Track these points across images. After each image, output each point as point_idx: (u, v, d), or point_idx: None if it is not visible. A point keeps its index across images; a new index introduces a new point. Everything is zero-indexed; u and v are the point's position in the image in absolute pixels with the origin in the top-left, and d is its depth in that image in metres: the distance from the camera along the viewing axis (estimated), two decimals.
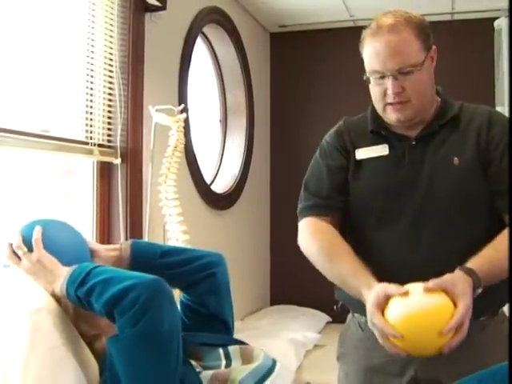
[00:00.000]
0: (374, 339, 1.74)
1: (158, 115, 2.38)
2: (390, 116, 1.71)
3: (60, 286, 1.36)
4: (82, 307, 1.34)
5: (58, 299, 1.38)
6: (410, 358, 1.53)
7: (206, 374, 1.35)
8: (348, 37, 4.36)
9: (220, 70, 4.04)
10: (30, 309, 1.29)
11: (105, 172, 2.66)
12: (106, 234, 2.66)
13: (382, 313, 1.49)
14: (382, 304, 1.49)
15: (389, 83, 1.64)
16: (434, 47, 1.70)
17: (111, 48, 2.62)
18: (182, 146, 2.31)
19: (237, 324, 2.20)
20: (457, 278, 1.48)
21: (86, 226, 2.63)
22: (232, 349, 1.47)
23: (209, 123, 4.02)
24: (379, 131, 1.78)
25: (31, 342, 1.23)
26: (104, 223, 2.66)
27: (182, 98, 3.16)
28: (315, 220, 1.81)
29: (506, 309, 1.83)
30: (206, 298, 1.61)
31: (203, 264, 1.61)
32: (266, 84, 4.59)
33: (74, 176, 2.69)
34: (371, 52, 1.66)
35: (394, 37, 1.61)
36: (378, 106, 1.73)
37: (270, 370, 1.43)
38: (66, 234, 1.56)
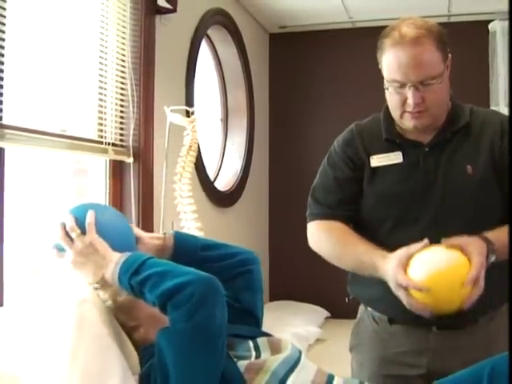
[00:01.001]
0: (389, 331, 1.84)
1: (173, 115, 2.46)
2: (408, 123, 1.74)
3: (111, 271, 1.40)
4: (133, 295, 1.39)
5: (103, 287, 1.44)
6: (432, 317, 1.58)
7: (240, 364, 1.41)
8: (346, 38, 4.50)
9: (221, 71, 4.12)
10: (76, 300, 1.36)
11: (117, 170, 2.73)
12: None
13: (405, 272, 1.57)
14: (405, 264, 1.56)
15: (410, 93, 1.66)
16: (449, 56, 1.73)
17: (123, 50, 2.69)
18: (197, 145, 2.38)
19: None
20: (472, 240, 1.58)
21: None
22: (260, 340, 1.54)
23: (210, 122, 4.09)
24: (394, 139, 1.82)
25: (78, 330, 1.31)
26: None
27: (189, 98, 3.23)
28: (325, 221, 1.88)
29: None
30: (241, 293, 1.67)
31: (241, 260, 1.68)
32: (265, 84, 4.67)
33: (86, 174, 2.75)
34: (393, 62, 1.67)
35: (417, 49, 1.62)
36: (395, 113, 1.75)
37: (297, 360, 1.50)
38: (115, 220, 1.58)
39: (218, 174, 4.03)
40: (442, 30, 1.71)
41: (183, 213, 2.38)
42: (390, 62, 1.68)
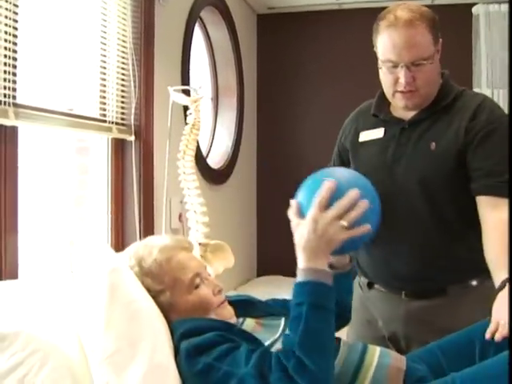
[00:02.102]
0: (368, 296, 2.05)
1: (176, 95, 2.54)
2: (399, 102, 1.87)
3: (301, 268, 1.37)
4: (294, 313, 1.35)
5: None
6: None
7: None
8: (333, 19, 4.59)
9: (212, 51, 4.19)
10: (107, 269, 1.45)
11: (119, 148, 2.81)
12: (120, 205, 2.82)
13: None
14: None
15: (401, 73, 1.78)
16: (440, 40, 1.84)
17: (124, 30, 2.76)
18: (199, 124, 2.47)
19: (232, 293, 2.41)
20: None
21: (102, 199, 2.78)
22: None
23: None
24: (378, 115, 1.98)
25: (110, 297, 1.40)
26: (118, 196, 2.81)
27: (185, 78, 3.31)
28: None
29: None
30: None
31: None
32: (253, 64, 4.74)
33: (87, 152, 2.83)
34: (388, 42, 1.78)
35: (410, 31, 1.74)
36: (388, 92, 1.89)
37: None
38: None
39: (209, 152, 4.12)
40: (434, 15, 1.83)
41: (187, 189, 2.47)
42: (385, 42, 1.79)
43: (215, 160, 4.06)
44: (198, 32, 3.99)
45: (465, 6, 4.22)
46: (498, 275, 1.61)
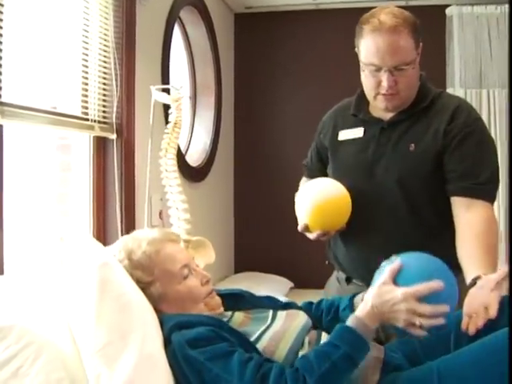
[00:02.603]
0: (346, 289, 2.12)
1: (158, 94, 2.58)
2: (380, 104, 1.94)
3: (354, 318, 1.43)
4: (325, 366, 1.36)
5: None
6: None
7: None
8: (310, 19, 4.65)
9: (191, 51, 4.23)
10: (97, 263, 1.49)
11: (100, 146, 2.84)
12: (102, 202, 2.85)
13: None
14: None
15: (384, 77, 1.85)
16: (421, 44, 1.91)
17: (106, 30, 2.79)
18: (181, 122, 2.51)
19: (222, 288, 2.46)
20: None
21: (84, 196, 2.82)
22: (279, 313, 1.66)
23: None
24: (358, 114, 2.05)
25: (101, 291, 1.44)
26: (100, 194, 2.85)
27: (165, 77, 3.35)
28: (307, 178, 2.21)
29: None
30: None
31: None
32: (230, 63, 4.79)
33: (68, 150, 2.85)
34: (371, 47, 1.84)
35: (394, 37, 1.80)
36: (370, 94, 1.95)
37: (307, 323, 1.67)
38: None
39: (187, 150, 4.16)
40: (416, 19, 1.90)
41: (169, 186, 2.51)
42: (369, 46, 1.85)
43: (193, 158, 4.10)
44: (176, 31, 4.02)
45: (439, 8, 4.31)
46: (470, 273, 1.68)
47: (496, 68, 4.22)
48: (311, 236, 1.97)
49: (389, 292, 1.44)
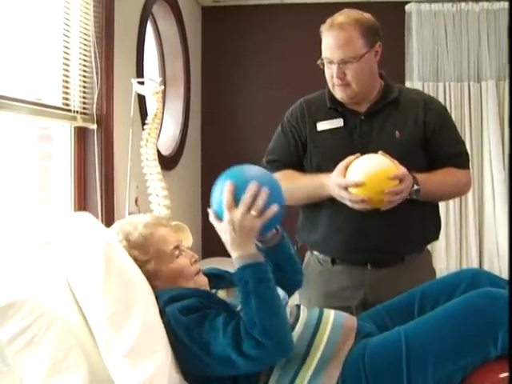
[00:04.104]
0: (332, 270, 2.26)
1: (139, 86, 2.72)
2: (336, 94, 2.18)
3: (240, 256, 1.59)
4: (240, 291, 1.58)
5: None
6: (359, 216, 2.06)
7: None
8: (275, 14, 4.81)
9: (161, 44, 4.36)
10: (102, 242, 1.65)
11: (81, 136, 2.97)
12: (82, 191, 2.98)
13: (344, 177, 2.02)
14: (343, 171, 2.01)
15: (334, 69, 2.10)
16: (378, 43, 2.15)
17: (87, 24, 2.91)
18: (161, 114, 2.66)
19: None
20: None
21: (65, 186, 2.94)
22: None
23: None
24: (336, 107, 2.24)
25: (106, 267, 1.59)
26: (80, 182, 2.97)
27: (139, 69, 3.48)
28: (277, 172, 2.24)
29: (429, 246, 2.38)
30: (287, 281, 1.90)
31: (297, 280, 1.99)
32: (198, 55, 4.92)
33: (48, 140, 2.96)
34: (325, 42, 2.12)
35: (340, 33, 2.07)
36: (329, 85, 2.20)
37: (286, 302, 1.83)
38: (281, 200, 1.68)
39: (158, 139, 4.28)
40: (373, 23, 2.15)
41: (149, 174, 2.66)
42: (323, 42, 2.13)
43: (164, 147, 4.23)
44: (148, 25, 4.14)
45: (398, 4, 4.51)
46: (419, 176, 2.06)
47: (452, 62, 4.48)
48: (352, 197, 1.99)
49: (223, 227, 1.64)
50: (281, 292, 1.76)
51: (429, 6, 4.46)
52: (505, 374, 1.49)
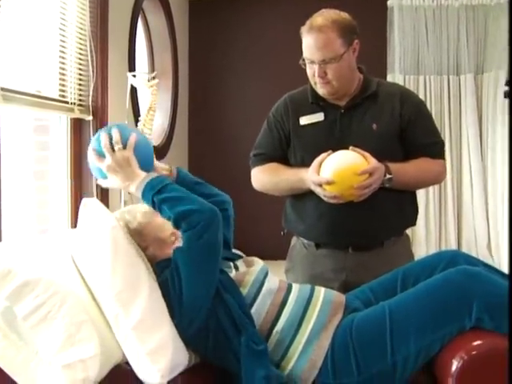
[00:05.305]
0: (316, 254, 2.39)
1: (134, 80, 2.84)
2: (318, 90, 2.30)
3: (136, 185, 1.78)
4: (152, 208, 1.79)
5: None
6: (341, 204, 2.17)
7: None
8: (262, 7, 4.94)
9: (150, 37, 4.47)
10: (109, 226, 1.78)
11: (77, 127, 3.09)
12: (78, 180, 3.10)
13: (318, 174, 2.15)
14: (317, 168, 2.15)
15: (316, 68, 2.21)
16: (356, 41, 2.25)
17: (83, 19, 3.03)
18: (155, 106, 2.78)
19: None
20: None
21: (62, 175, 3.06)
22: (238, 262, 2.01)
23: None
24: (318, 102, 2.36)
25: (114, 248, 1.73)
26: (76, 172, 3.10)
27: (131, 63, 3.60)
28: (263, 165, 2.41)
29: (410, 234, 2.52)
30: None
31: (221, 201, 2.09)
32: (185, 48, 5.03)
33: (45, 131, 3.07)
34: (305, 44, 2.22)
35: (320, 35, 2.16)
36: (311, 82, 2.31)
37: (267, 271, 1.99)
38: (147, 145, 1.92)
39: None
40: (350, 22, 2.25)
41: None
42: (304, 44, 2.23)
43: (153, 137, 4.34)
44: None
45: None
46: (392, 165, 2.18)
47: (432, 56, 4.63)
48: (326, 193, 2.15)
49: (108, 173, 1.84)
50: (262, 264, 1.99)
51: (410, 1, 4.60)
52: (478, 342, 1.65)
